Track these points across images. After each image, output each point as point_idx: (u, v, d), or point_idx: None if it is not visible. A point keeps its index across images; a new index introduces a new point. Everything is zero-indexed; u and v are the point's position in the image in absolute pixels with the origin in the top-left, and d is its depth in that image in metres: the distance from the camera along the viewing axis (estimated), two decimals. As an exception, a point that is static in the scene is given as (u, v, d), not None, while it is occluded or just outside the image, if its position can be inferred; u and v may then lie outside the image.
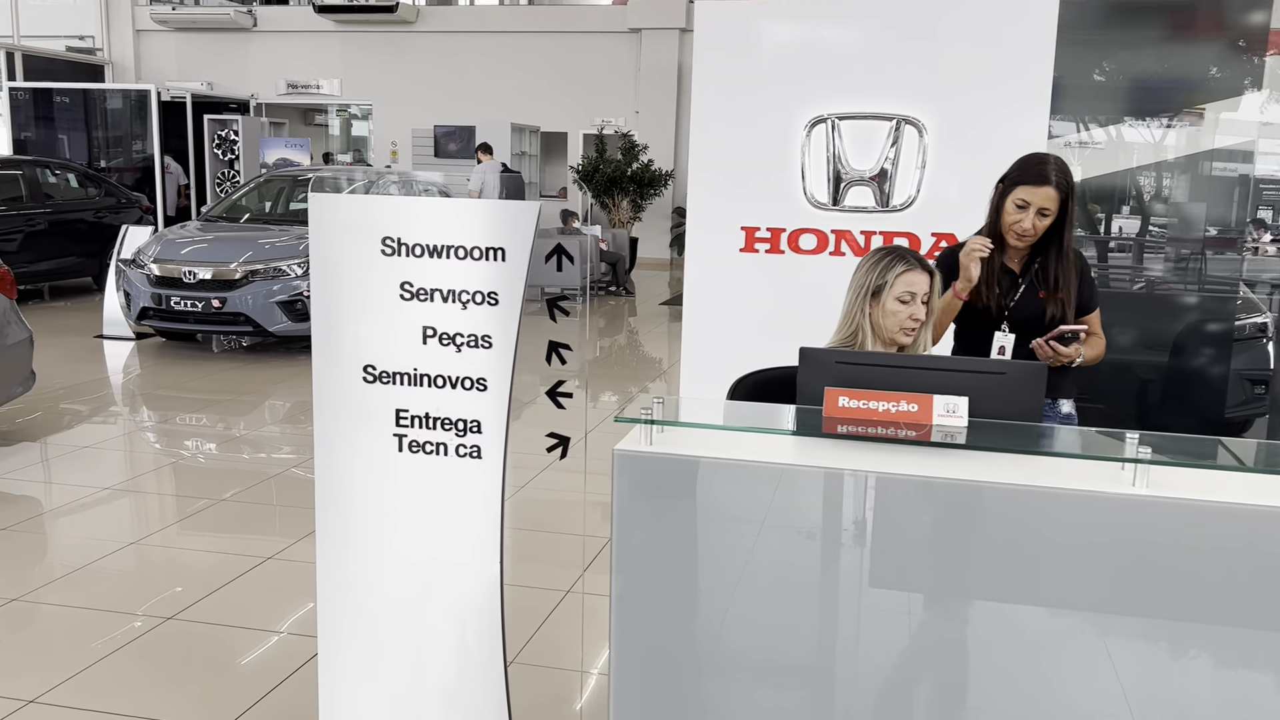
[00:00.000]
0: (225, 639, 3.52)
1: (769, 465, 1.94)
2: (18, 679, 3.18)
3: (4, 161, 11.17)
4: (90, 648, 3.40)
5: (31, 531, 4.48)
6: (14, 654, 3.38)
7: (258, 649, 3.45)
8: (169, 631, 3.54)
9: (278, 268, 8.15)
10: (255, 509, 4.82)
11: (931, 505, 1.86)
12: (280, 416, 6.65)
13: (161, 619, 3.62)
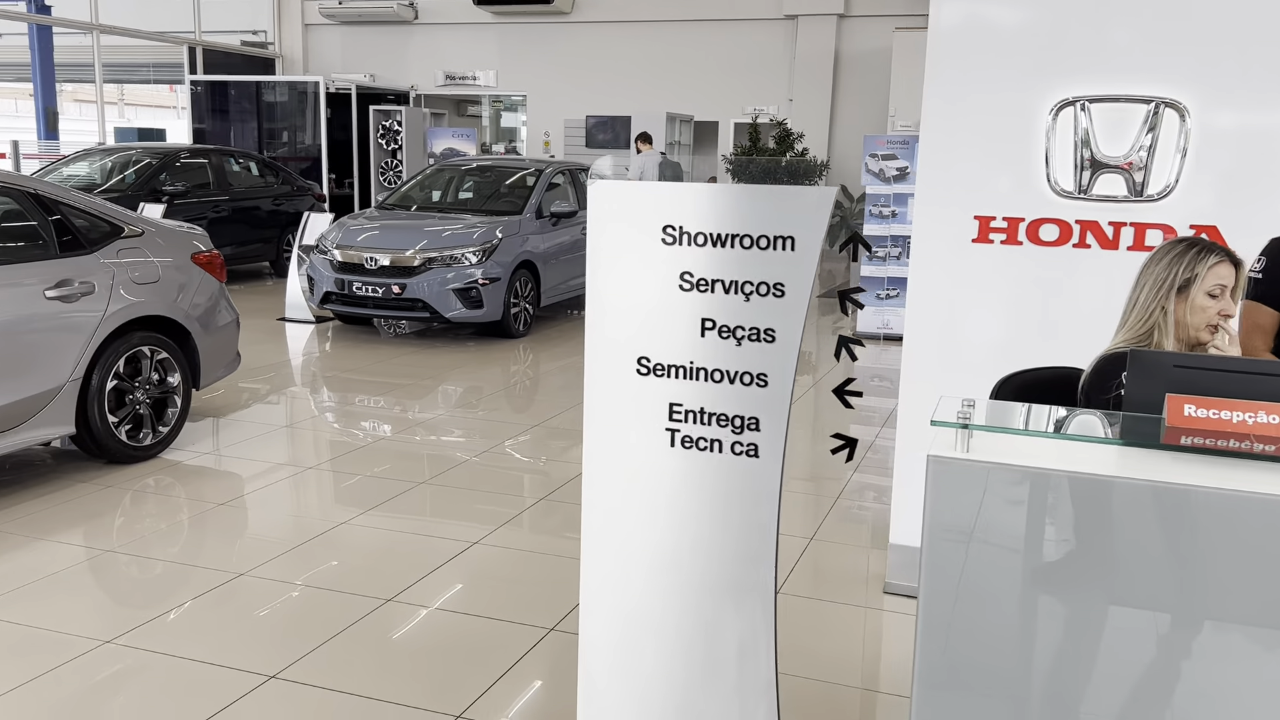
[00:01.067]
0: (446, 624, 3.54)
1: (1096, 478, 1.77)
2: (255, 654, 3.26)
3: (192, 151, 11.74)
4: (317, 627, 3.47)
5: (243, 508, 4.64)
6: (248, 629, 3.48)
7: (480, 635, 3.45)
8: (391, 614, 3.58)
9: (454, 255, 8.29)
10: (451, 493, 4.88)
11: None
12: (455, 401, 6.75)
13: (380, 600, 3.67)
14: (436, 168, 10.26)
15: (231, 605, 3.62)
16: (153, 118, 31.15)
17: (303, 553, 4.09)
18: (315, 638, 3.38)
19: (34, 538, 4.18)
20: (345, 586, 3.78)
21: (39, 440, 4.66)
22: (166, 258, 5.28)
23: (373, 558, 4.08)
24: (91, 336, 4.78)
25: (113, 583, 3.84)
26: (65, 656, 3.21)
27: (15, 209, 4.72)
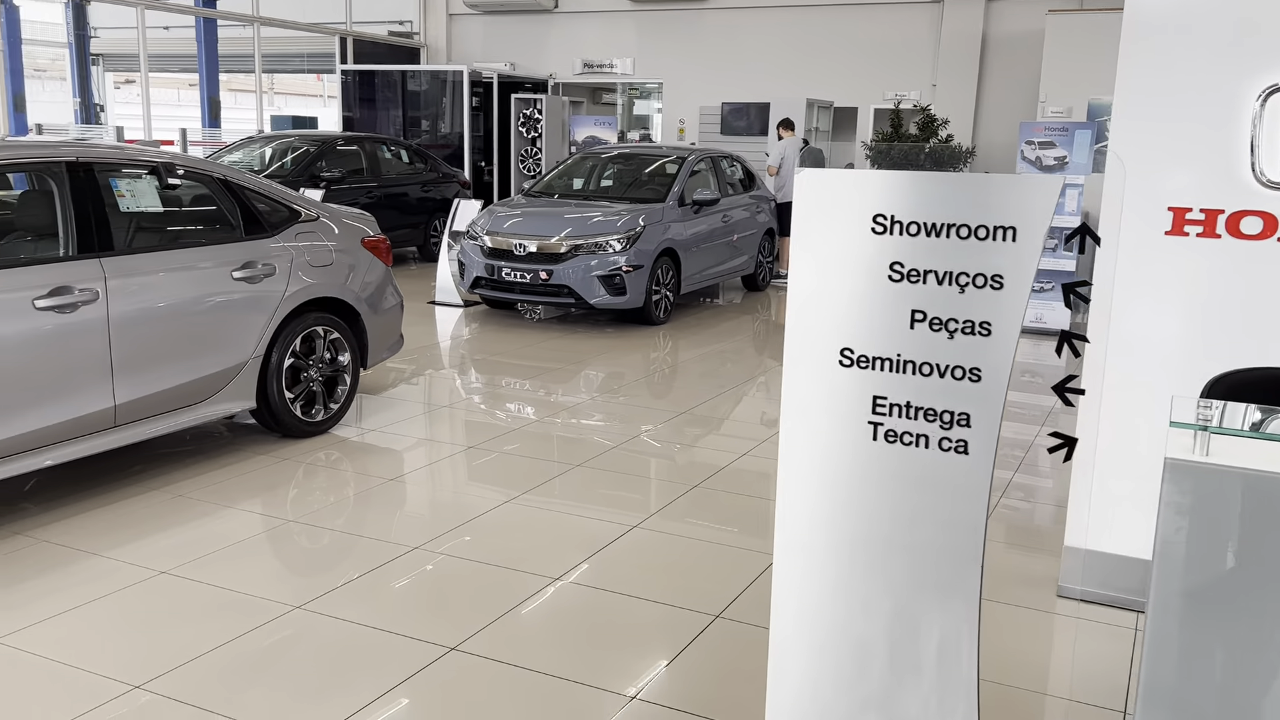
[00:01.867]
0: (615, 605, 3.59)
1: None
2: (435, 626, 3.38)
3: (347, 138, 12.19)
4: (491, 602, 3.57)
5: (410, 484, 4.81)
6: (426, 601, 3.60)
7: (648, 619, 3.49)
8: (560, 594, 3.66)
9: (599, 243, 8.38)
10: (605, 477, 4.94)
11: None
12: (601, 387, 6.82)
13: (548, 579, 3.76)
14: (580, 155, 10.39)
15: (408, 578, 3.76)
16: (300, 106, 32.49)
17: (470, 529, 4.21)
18: (490, 612, 3.47)
19: (220, 505, 4.42)
20: (514, 564, 3.88)
21: (224, 414, 4.93)
22: (339, 242, 5.50)
23: (538, 537, 4.17)
24: (272, 316, 5.03)
25: (296, 551, 4.03)
26: (260, 619, 3.40)
27: (206, 194, 4.99)
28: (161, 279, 4.52)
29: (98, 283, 4.24)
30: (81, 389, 4.20)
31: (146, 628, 3.33)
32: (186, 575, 3.71)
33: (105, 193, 4.43)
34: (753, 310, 10.09)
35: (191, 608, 3.47)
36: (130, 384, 4.39)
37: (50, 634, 3.26)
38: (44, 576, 3.67)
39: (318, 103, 36.89)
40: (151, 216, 4.65)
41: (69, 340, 4.12)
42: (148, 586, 3.61)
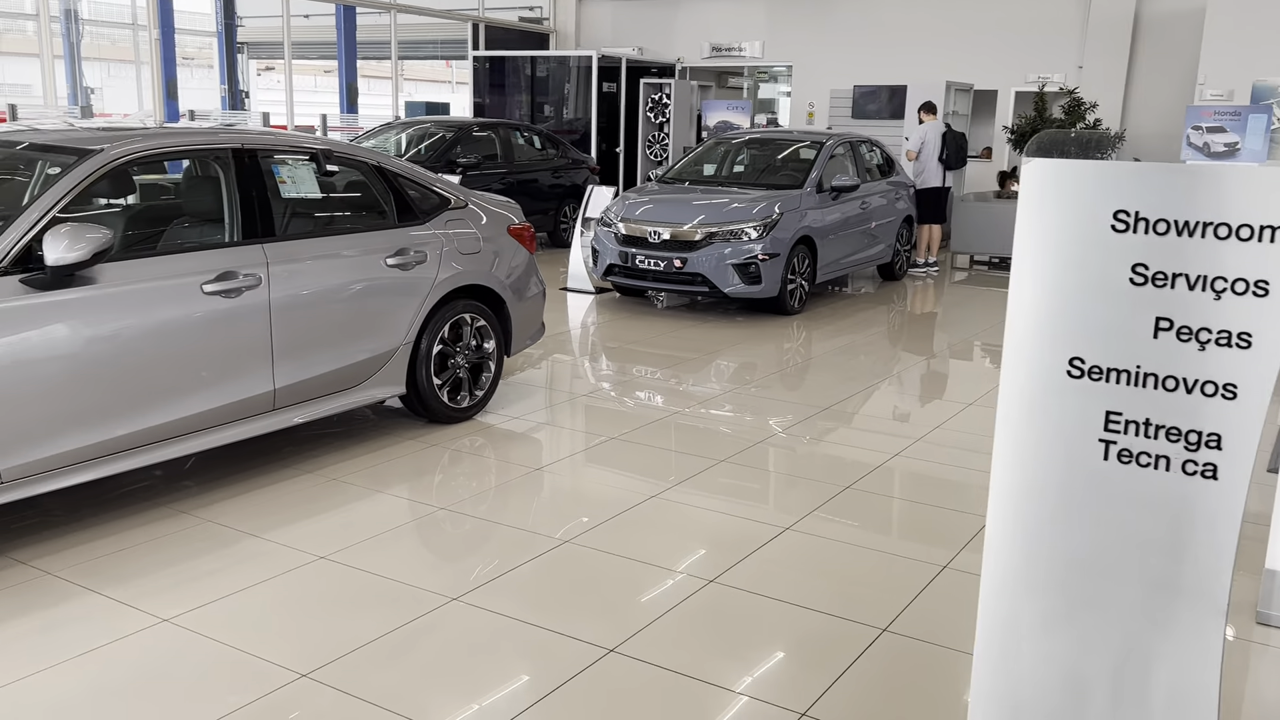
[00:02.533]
0: (776, 613, 3.45)
1: None
2: (592, 625, 3.31)
3: (482, 124, 12.31)
4: (649, 602, 3.48)
5: (557, 474, 4.77)
6: (581, 597, 3.54)
7: (812, 629, 3.34)
8: (718, 596, 3.54)
9: (734, 230, 8.22)
10: (751, 473, 4.80)
11: None
12: (739, 379, 6.68)
13: (703, 580, 3.65)
14: (714, 141, 10.23)
15: (561, 572, 3.71)
16: (428, 92, 33.18)
17: (618, 524, 4.14)
18: (647, 613, 3.39)
19: (372, 490, 4.46)
20: (666, 563, 3.78)
21: (375, 398, 4.98)
22: (486, 229, 5.49)
23: (688, 536, 4.07)
24: (423, 303, 5.05)
25: (448, 540, 4.02)
26: (417, 609, 3.38)
27: (361, 180, 5.04)
28: (320, 265, 4.57)
29: (261, 268, 4.31)
30: (244, 373, 4.28)
31: (310, 614, 3.35)
32: (344, 561, 3.73)
33: (268, 179, 4.50)
34: (888, 301, 9.78)
35: (351, 595, 3.49)
36: (289, 368, 4.46)
37: (217, 615, 3.31)
38: (208, 556, 3.75)
39: (445, 89, 37.64)
40: (310, 203, 4.71)
41: (233, 324, 4.20)
42: (308, 572, 3.65)
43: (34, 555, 3.69)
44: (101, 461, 3.84)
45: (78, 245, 3.57)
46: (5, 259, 3.56)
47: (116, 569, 3.61)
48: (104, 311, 3.77)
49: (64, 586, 3.47)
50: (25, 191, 4.19)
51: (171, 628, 3.22)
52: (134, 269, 3.89)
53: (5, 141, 4.33)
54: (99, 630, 3.19)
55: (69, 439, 3.70)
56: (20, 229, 3.63)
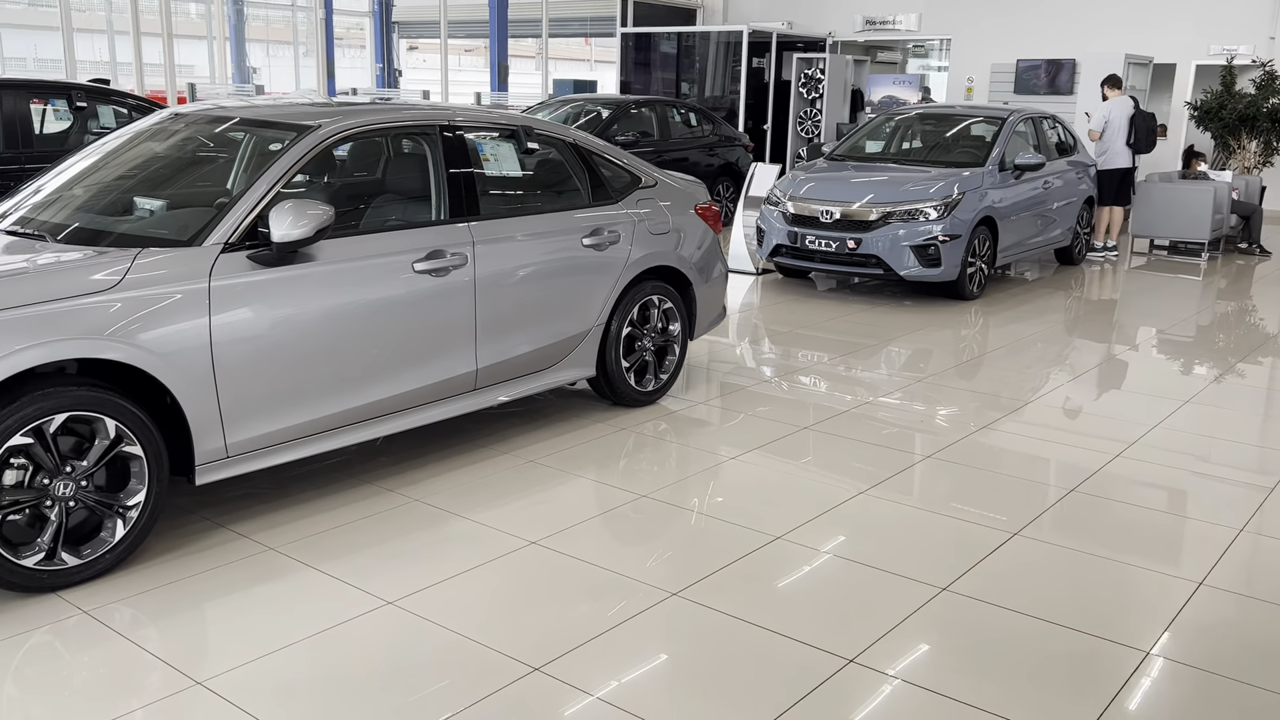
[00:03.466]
0: (1028, 630, 3.20)
1: None
2: (829, 633, 3.13)
3: (638, 102, 12.18)
4: (884, 610, 3.28)
5: (753, 464, 4.59)
6: (810, 601, 3.36)
7: (1073, 649, 3.08)
8: (955, 607, 3.31)
9: (913, 210, 7.87)
10: (962, 471, 4.53)
11: None
12: (921, 367, 6.36)
13: (936, 587, 3.42)
14: (884, 117, 9.83)
15: (781, 571, 3.54)
16: (567, 70, 33.37)
17: (832, 522, 3.94)
18: (882, 622, 3.18)
19: (571, 474, 4.38)
20: (892, 566, 3.56)
21: (566, 380, 4.90)
22: (675, 208, 5.34)
23: (908, 538, 3.84)
24: (615, 283, 4.94)
25: (657, 530, 3.89)
26: (640, 603, 3.27)
27: (558, 159, 4.95)
28: (522, 245, 4.50)
29: (467, 247, 4.26)
30: (449, 352, 4.24)
31: (533, 603, 3.28)
32: (556, 548, 3.65)
33: (472, 156, 4.45)
34: (1067, 287, 9.24)
35: (570, 584, 3.40)
36: (490, 348, 4.41)
37: (440, 600, 3.26)
38: (420, 535, 3.72)
39: (584, 67, 37.81)
40: (511, 181, 4.64)
41: (441, 303, 4.16)
42: (522, 557, 3.58)
43: (253, 529, 3.74)
44: (319, 437, 3.86)
45: (301, 222, 3.56)
46: (234, 234, 3.59)
47: (334, 546, 3.62)
48: (323, 288, 3.77)
49: (286, 563, 3.49)
50: (234, 168, 4.24)
51: (396, 611, 3.19)
52: (349, 246, 3.88)
53: (217, 117, 4.39)
54: (326, 610, 3.18)
55: (290, 414, 3.73)
56: (247, 204, 3.65)
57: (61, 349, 3.11)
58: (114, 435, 3.26)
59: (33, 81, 7.18)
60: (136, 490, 3.35)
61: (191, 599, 3.24)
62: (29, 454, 3.12)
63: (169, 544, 3.58)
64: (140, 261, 3.37)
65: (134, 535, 3.36)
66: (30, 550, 3.15)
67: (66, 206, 3.96)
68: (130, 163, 4.24)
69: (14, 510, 3.11)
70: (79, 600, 3.19)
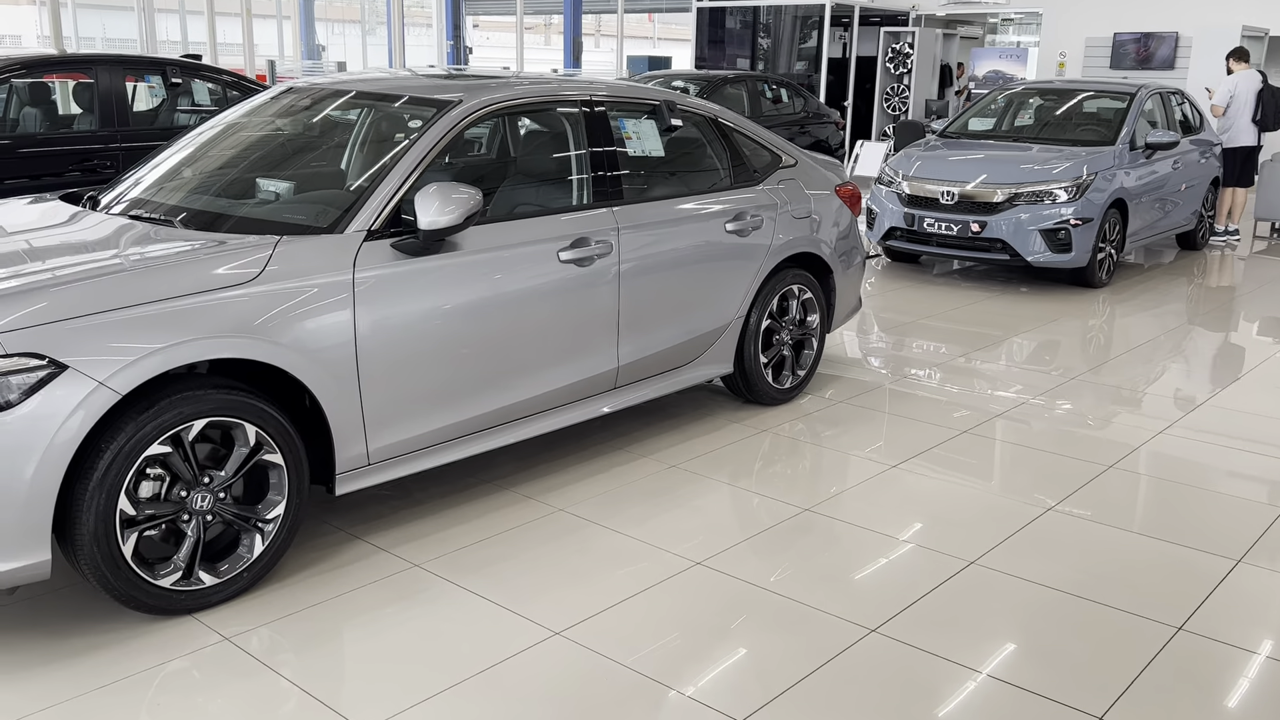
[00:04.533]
0: (1250, 667, 2.78)
1: None
2: (1070, 682, 2.74)
3: (730, 78, 11.72)
4: (1117, 656, 2.88)
5: (916, 475, 4.18)
6: (1028, 641, 2.97)
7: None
8: (1199, 650, 2.90)
9: (1042, 192, 7.36)
10: (1154, 485, 4.09)
11: None
12: (1070, 364, 5.89)
13: (1169, 626, 3.01)
14: (999, 92, 9.27)
15: (986, 602, 3.14)
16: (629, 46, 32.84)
17: (1026, 543, 3.53)
18: (1126, 670, 2.78)
19: (720, 481, 4.01)
20: (1113, 600, 3.15)
21: (702, 379, 4.53)
22: (816, 189, 4.93)
23: (1112, 564, 3.42)
24: (757, 273, 4.55)
25: (835, 553, 3.50)
26: (839, 641, 2.90)
27: (698, 137, 4.56)
28: (666, 231, 4.13)
29: (612, 234, 3.90)
30: (592, 347, 3.90)
31: (714, 638, 2.92)
32: (724, 570, 3.29)
33: (615, 134, 4.08)
34: (1195, 274, 8.65)
35: (753, 616, 3.03)
36: (632, 344, 4.05)
37: (613, 631, 2.92)
38: (573, 553, 3.38)
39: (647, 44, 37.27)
40: (652, 161, 4.27)
41: (585, 295, 3.81)
42: (690, 581, 3.23)
43: (391, 541, 3.43)
44: (460, 442, 3.54)
45: (449, 207, 3.22)
46: (376, 220, 3.26)
47: (481, 562, 3.30)
48: (468, 280, 3.43)
49: (434, 583, 3.17)
50: (362, 147, 3.92)
51: (566, 643, 2.86)
52: (492, 233, 3.54)
53: (336, 92, 4.06)
54: (488, 642, 2.86)
55: (433, 417, 3.41)
56: (389, 188, 3.32)
57: (204, 348, 2.80)
58: (254, 442, 2.96)
59: (128, 58, 6.94)
60: (275, 502, 3.05)
61: (338, 626, 2.93)
62: (166, 463, 2.83)
63: (304, 559, 3.29)
64: (281, 251, 3.06)
65: (273, 551, 3.07)
66: (166, 569, 2.87)
67: (188, 189, 3.67)
68: (250, 142, 3.94)
69: (150, 526, 2.82)
70: (217, 623, 2.91)
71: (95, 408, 2.61)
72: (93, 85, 6.44)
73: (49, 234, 3.34)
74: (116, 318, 2.70)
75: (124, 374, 2.65)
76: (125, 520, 2.74)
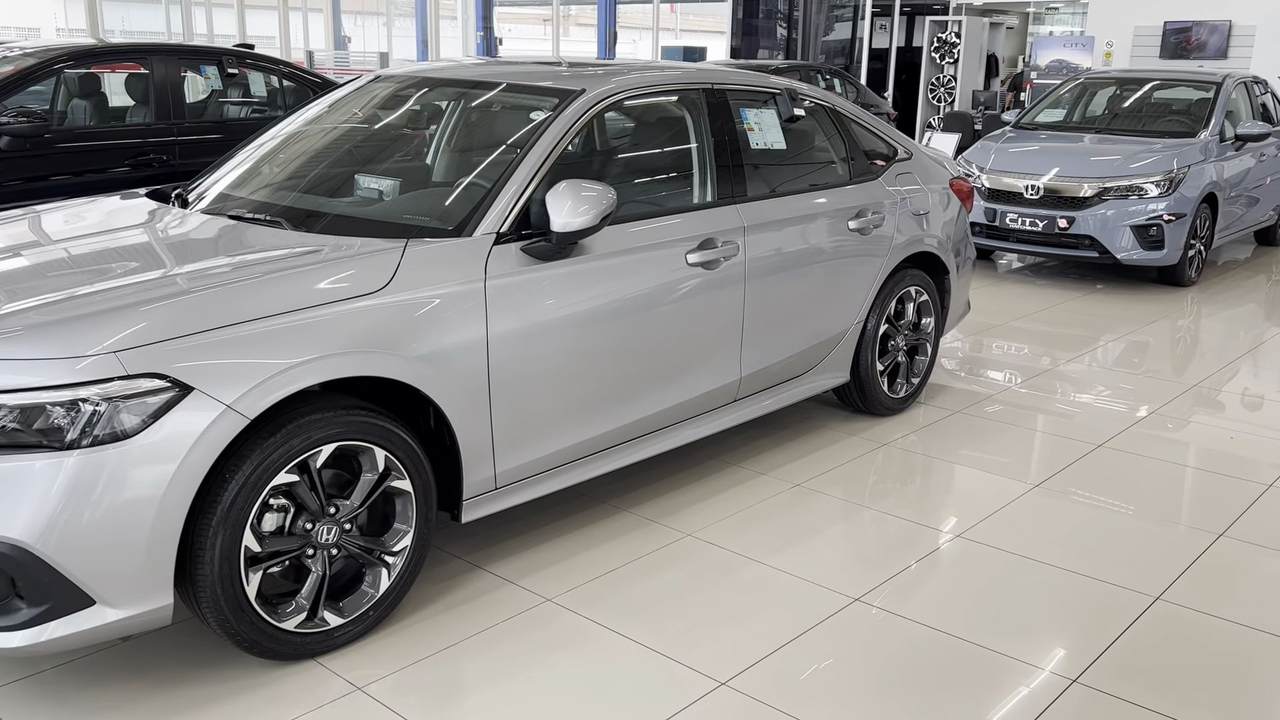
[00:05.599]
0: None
1: None
2: None
3: (779, 68, 11.38)
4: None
5: (1061, 495, 3.87)
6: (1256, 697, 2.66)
7: None
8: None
9: (1132, 186, 7.01)
10: None
11: None
12: (1184, 371, 5.56)
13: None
14: (1073, 81, 8.91)
15: (1184, 646, 2.83)
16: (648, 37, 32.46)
17: (1207, 573, 3.22)
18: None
19: (859, 504, 3.71)
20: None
21: (818, 390, 4.21)
22: (933, 184, 4.61)
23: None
24: (878, 273, 4.24)
25: (1008, 587, 3.19)
26: (1042, 695, 2.59)
27: (817, 128, 4.24)
28: (791, 231, 3.82)
29: (737, 234, 3.59)
30: (715, 357, 3.60)
31: (899, 688, 2.62)
32: (888, 609, 2.98)
33: (737, 125, 3.76)
34: (1269, 271, 8.28)
35: (935, 665, 2.72)
36: (754, 353, 3.75)
37: (779, 683, 2.62)
38: (713, 587, 3.08)
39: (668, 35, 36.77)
40: (774, 154, 3.95)
41: (712, 300, 3.51)
42: (853, 621, 2.92)
43: (514, 572, 3.13)
44: (582, 463, 3.24)
45: (582, 207, 2.91)
46: (505, 222, 2.96)
47: (618, 597, 3.00)
48: (600, 286, 3.13)
49: (574, 622, 2.87)
50: (464, 141, 3.62)
51: (733, 695, 2.56)
52: (619, 235, 3.23)
53: (435, 80, 3.76)
54: (650, 693, 2.56)
55: (560, 436, 3.11)
56: (517, 186, 3.01)
57: (337, 365, 2.51)
58: (383, 468, 2.67)
59: (183, 47, 6.65)
60: (402, 532, 2.76)
61: (479, 672, 2.64)
62: (290, 493, 2.54)
63: (426, 592, 2.99)
64: (409, 256, 2.76)
65: (399, 586, 2.78)
66: (289, 610, 2.58)
67: (290, 187, 3.37)
68: (349, 136, 3.66)
69: (274, 563, 2.54)
70: (344, 669, 2.62)
71: (223, 434, 2.32)
72: (147, 76, 6.15)
73: (149, 236, 3.04)
74: (242, 333, 2.40)
75: (252, 396, 2.36)
76: (249, 558, 2.45)
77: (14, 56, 6.02)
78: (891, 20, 15.91)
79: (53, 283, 2.56)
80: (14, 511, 2.16)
